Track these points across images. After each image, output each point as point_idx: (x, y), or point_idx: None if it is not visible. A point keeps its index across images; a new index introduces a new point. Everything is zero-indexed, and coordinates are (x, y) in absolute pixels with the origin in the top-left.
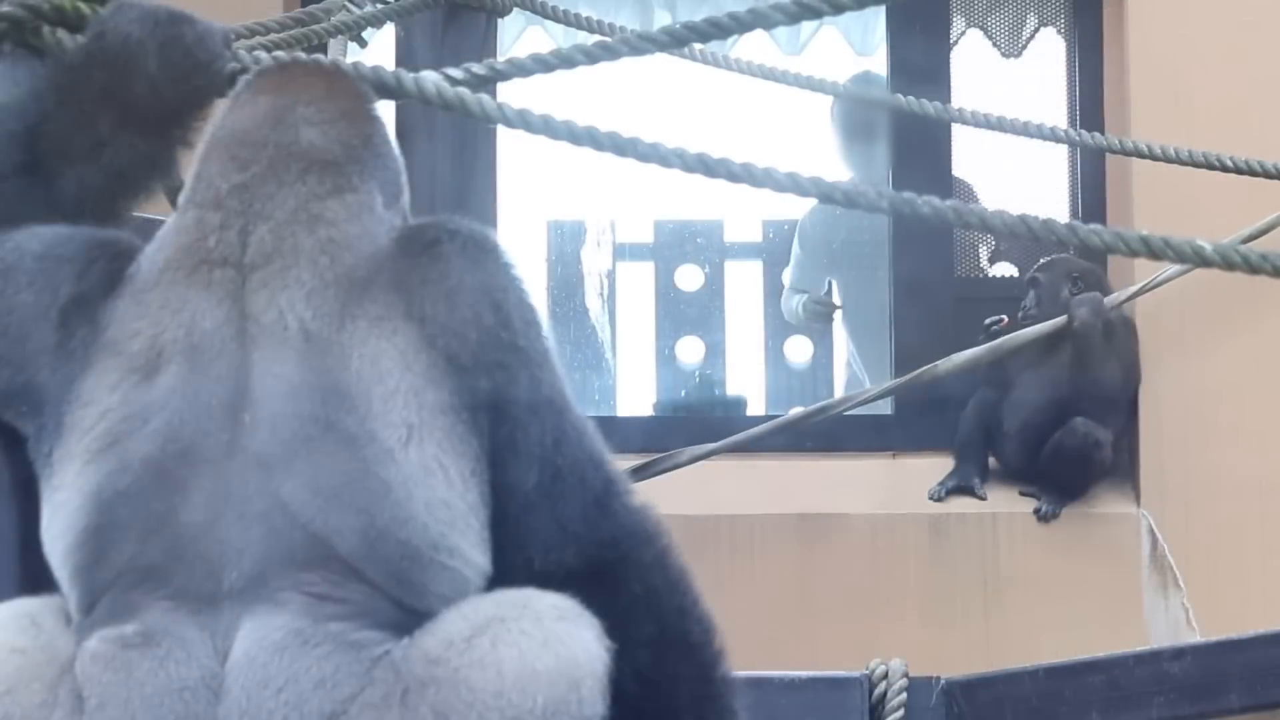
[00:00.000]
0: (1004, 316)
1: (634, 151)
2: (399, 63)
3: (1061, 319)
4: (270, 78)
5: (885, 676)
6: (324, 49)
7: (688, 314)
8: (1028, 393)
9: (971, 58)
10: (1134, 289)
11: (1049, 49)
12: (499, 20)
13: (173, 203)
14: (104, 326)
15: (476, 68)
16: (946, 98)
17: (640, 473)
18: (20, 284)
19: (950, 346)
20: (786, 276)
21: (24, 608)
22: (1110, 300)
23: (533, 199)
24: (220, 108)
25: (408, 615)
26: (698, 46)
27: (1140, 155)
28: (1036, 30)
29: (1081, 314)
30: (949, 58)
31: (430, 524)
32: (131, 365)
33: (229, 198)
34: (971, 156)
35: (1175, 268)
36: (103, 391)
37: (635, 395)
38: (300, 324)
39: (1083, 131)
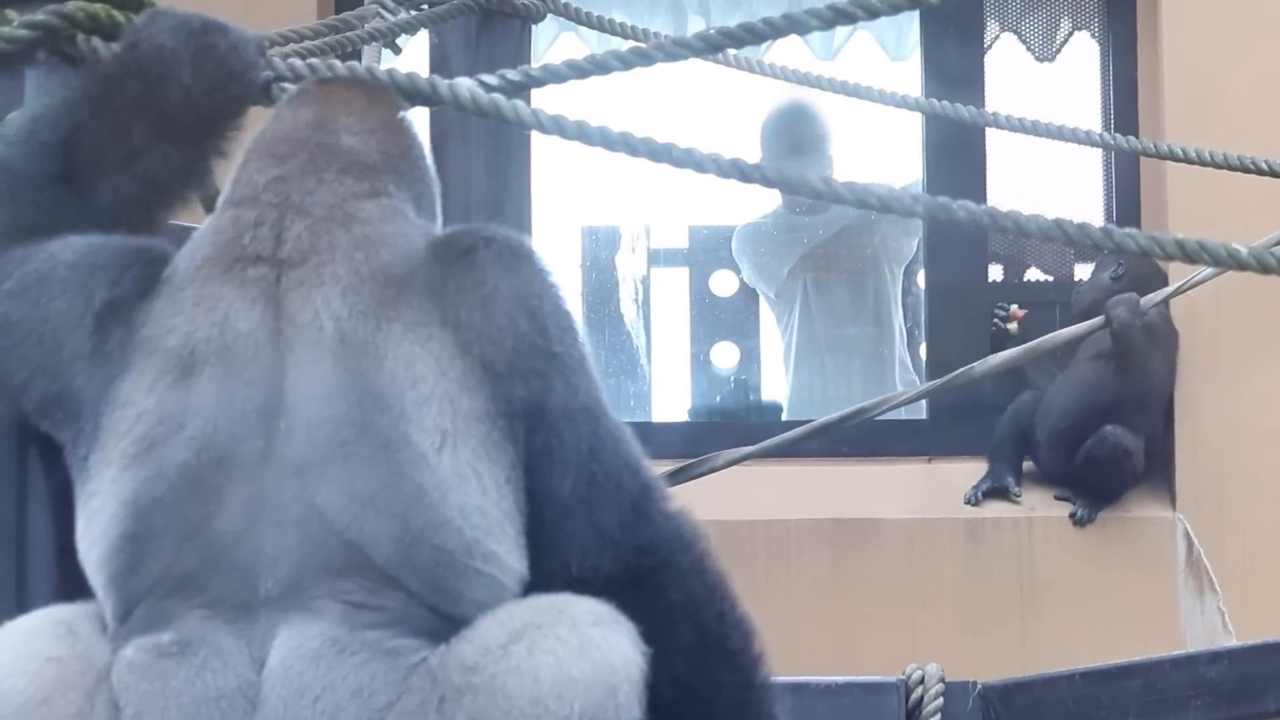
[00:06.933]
0: (1013, 305)
1: (668, 157)
2: (433, 69)
3: (1098, 320)
4: (313, 92)
5: (922, 681)
6: (358, 55)
7: (722, 319)
8: (1063, 396)
9: (1005, 62)
10: (1168, 290)
11: (1083, 53)
12: (533, 26)
13: (209, 211)
14: (139, 326)
15: (511, 74)
16: (980, 102)
17: (676, 477)
18: (54, 292)
19: (985, 351)
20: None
21: (60, 615)
22: (1145, 301)
23: (567, 205)
24: (261, 119)
25: (444, 622)
26: (732, 52)
27: (1174, 159)
28: (1070, 34)
29: (1119, 313)
30: (983, 62)
31: (465, 530)
32: (166, 365)
33: (265, 191)
34: (1006, 160)
35: (1209, 270)
36: (139, 393)
37: (670, 401)
38: (336, 324)
39: (1117, 135)
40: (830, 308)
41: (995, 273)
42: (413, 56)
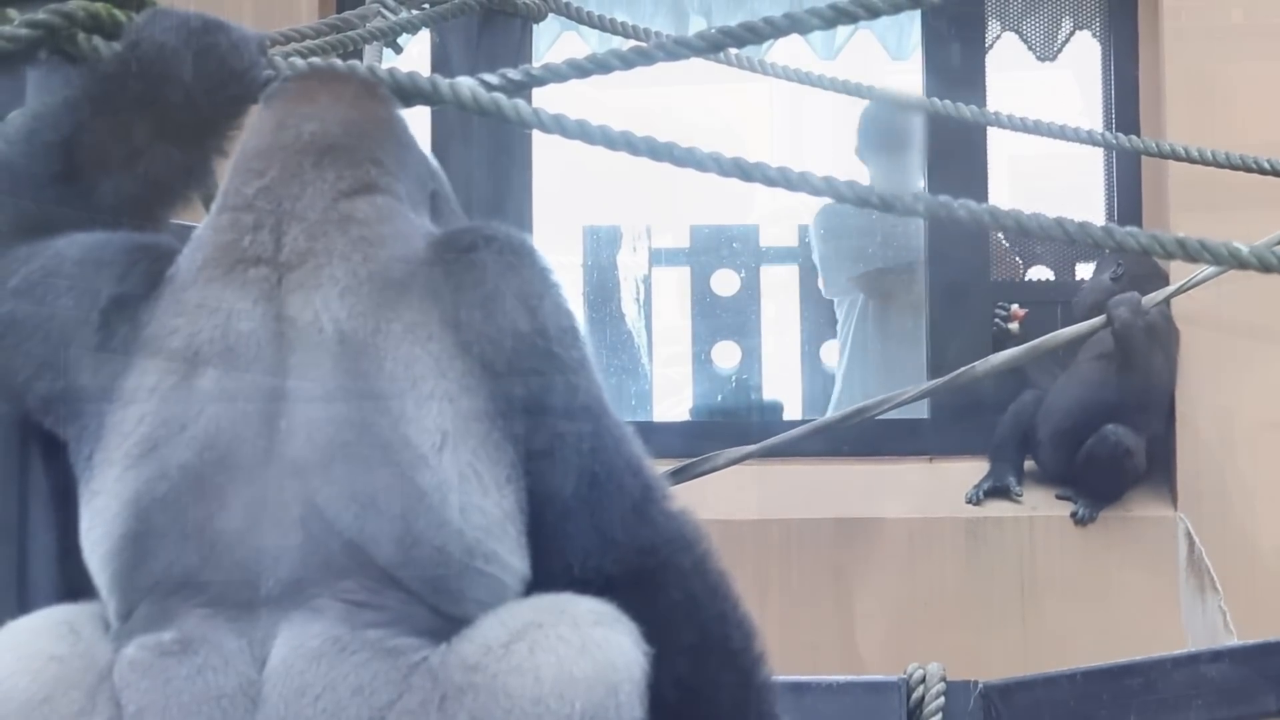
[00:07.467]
0: (1014, 305)
1: (669, 156)
2: (434, 68)
3: (1100, 319)
4: (274, 99)
5: (923, 680)
6: (359, 55)
7: (724, 319)
8: (1065, 395)
9: (1007, 61)
10: (1170, 289)
11: (1084, 52)
12: (534, 26)
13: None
14: (144, 324)
15: (512, 73)
16: (982, 101)
17: (677, 475)
18: (60, 289)
19: (986, 351)
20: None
21: (62, 615)
22: (1147, 301)
23: (568, 204)
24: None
25: (445, 622)
26: (733, 51)
27: (1176, 158)
28: (1071, 33)
29: (1120, 313)
30: (984, 61)
31: (466, 530)
32: (170, 366)
33: (257, 199)
34: (1007, 160)
35: (1210, 269)
36: (142, 393)
37: (672, 400)
38: (335, 325)
39: (1118, 134)
40: (884, 326)
41: (996, 272)
42: (414, 56)
